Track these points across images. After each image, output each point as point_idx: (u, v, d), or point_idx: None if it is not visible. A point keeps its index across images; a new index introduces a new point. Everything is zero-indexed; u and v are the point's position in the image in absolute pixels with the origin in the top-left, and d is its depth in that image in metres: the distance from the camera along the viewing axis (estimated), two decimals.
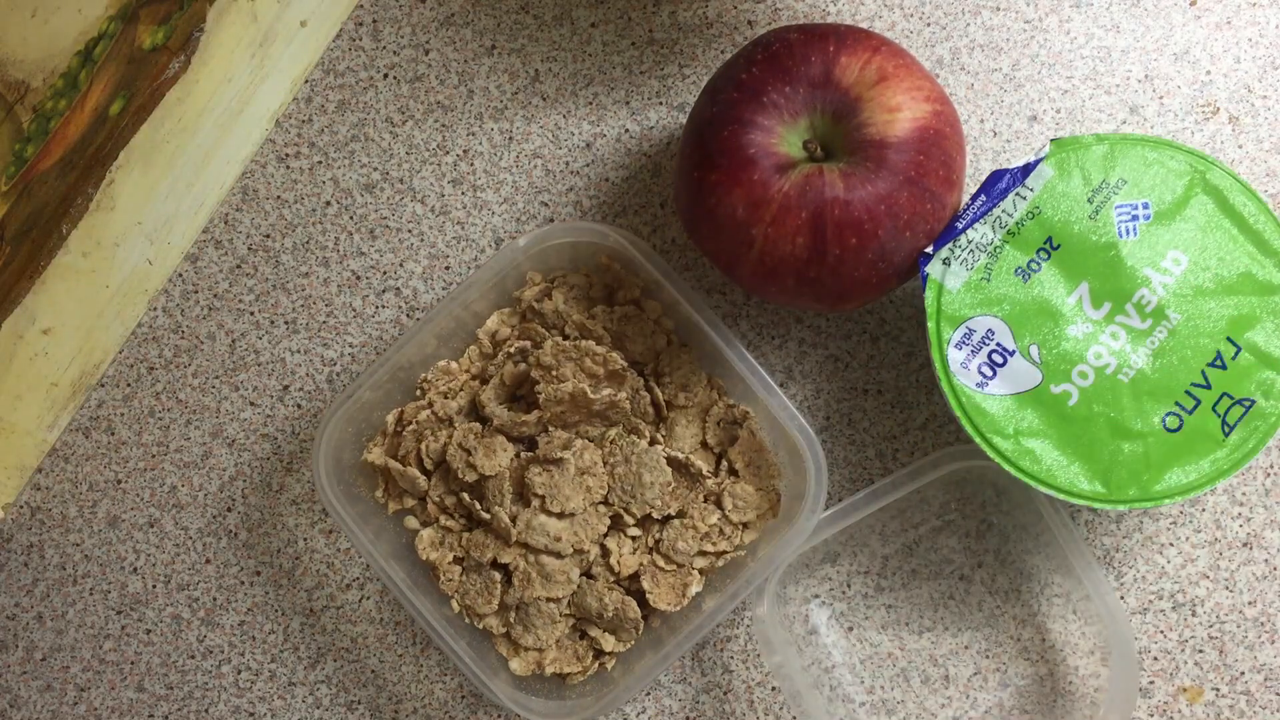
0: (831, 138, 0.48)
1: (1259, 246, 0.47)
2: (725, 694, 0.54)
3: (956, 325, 0.48)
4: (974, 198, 0.48)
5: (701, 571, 0.53)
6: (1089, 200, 0.48)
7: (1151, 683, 0.53)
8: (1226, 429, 0.47)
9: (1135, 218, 0.48)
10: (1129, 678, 0.50)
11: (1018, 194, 0.48)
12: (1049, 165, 0.48)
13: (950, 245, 0.48)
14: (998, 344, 0.48)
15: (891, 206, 0.46)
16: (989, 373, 0.48)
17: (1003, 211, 0.48)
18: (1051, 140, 0.48)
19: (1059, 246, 0.48)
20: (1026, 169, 0.48)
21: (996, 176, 0.48)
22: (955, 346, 0.48)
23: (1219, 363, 0.47)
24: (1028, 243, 0.48)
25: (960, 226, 0.48)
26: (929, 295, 0.48)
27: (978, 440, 0.48)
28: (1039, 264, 0.48)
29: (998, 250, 0.48)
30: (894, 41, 0.49)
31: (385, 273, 0.57)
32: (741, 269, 0.49)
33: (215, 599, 0.56)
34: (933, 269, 0.48)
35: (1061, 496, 0.47)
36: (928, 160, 0.47)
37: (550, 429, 0.52)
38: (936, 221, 0.48)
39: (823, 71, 0.47)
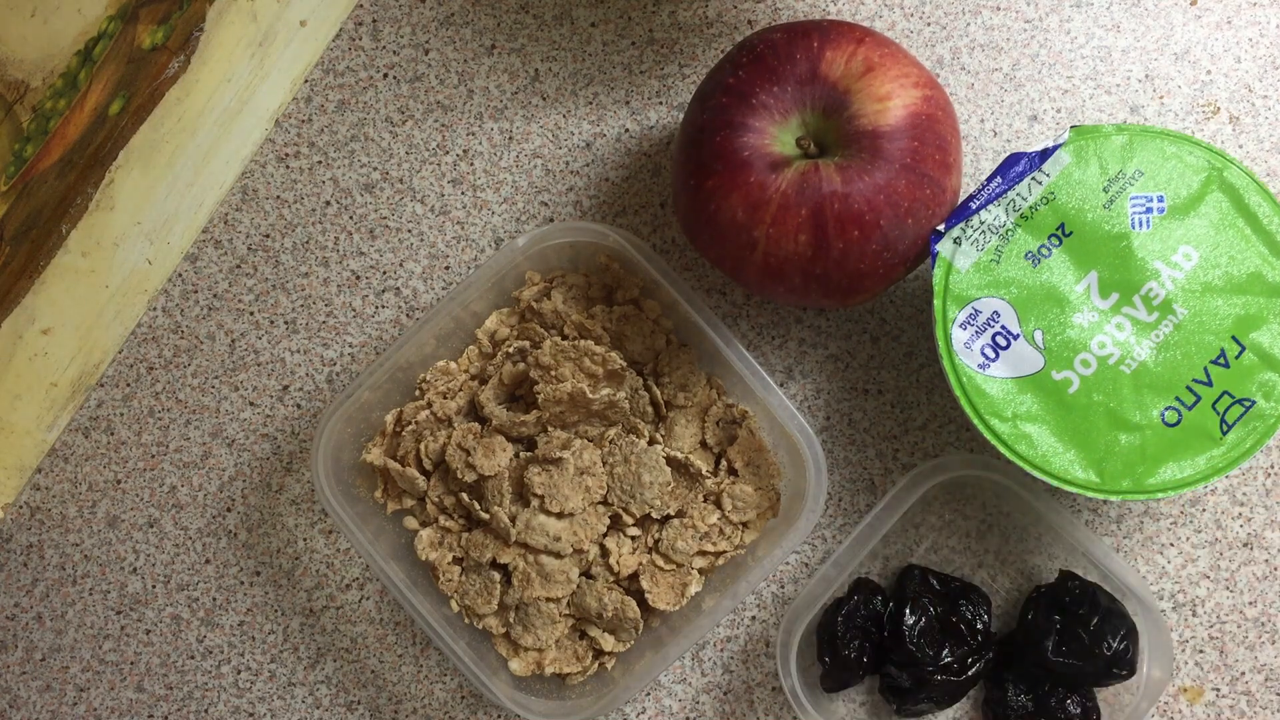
0: (824, 133, 0.47)
1: (1271, 248, 0.47)
2: (725, 694, 0.54)
3: (963, 305, 0.48)
4: (989, 179, 0.48)
5: (701, 571, 0.52)
6: (1104, 189, 0.48)
7: None
8: (1225, 428, 0.47)
9: (1149, 210, 0.48)
10: (1161, 669, 0.50)
11: (1034, 178, 0.48)
12: (1067, 152, 0.48)
13: (962, 225, 0.48)
14: (1002, 326, 0.48)
15: (890, 195, 0.46)
16: (992, 354, 0.48)
17: (1017, 195, 0.48)
18: (1072, 127, 0.48)
19: (1071, 234, 0.48)
20: (1045, 154, 0.48)
21: (1014, 159, 0.48)
22: (960, 326, 0.48)
23: (1222, 361, 0.47)
24: (1040, 228, 0.48)
25: (974, 207, 0.48)
26: (937, 273, 0.48)
27: (975, 421, 0.47)
28: (1050, 250, 0.48)
29: (1009, 233, 0.48)
30: (878, 31, 0.49)
31: (385, 273, 0.57)
32: (747, 272, 0.49)
33: (215, 599, 0.56)
34: (943, 247, 0.48)
35: (1054, 483, 0.47)
36: (923, 146, 0.47)
37: (549, 429, 0.52)
38: (937, 206, 0.48)
39: (809, 68, 0.47)
